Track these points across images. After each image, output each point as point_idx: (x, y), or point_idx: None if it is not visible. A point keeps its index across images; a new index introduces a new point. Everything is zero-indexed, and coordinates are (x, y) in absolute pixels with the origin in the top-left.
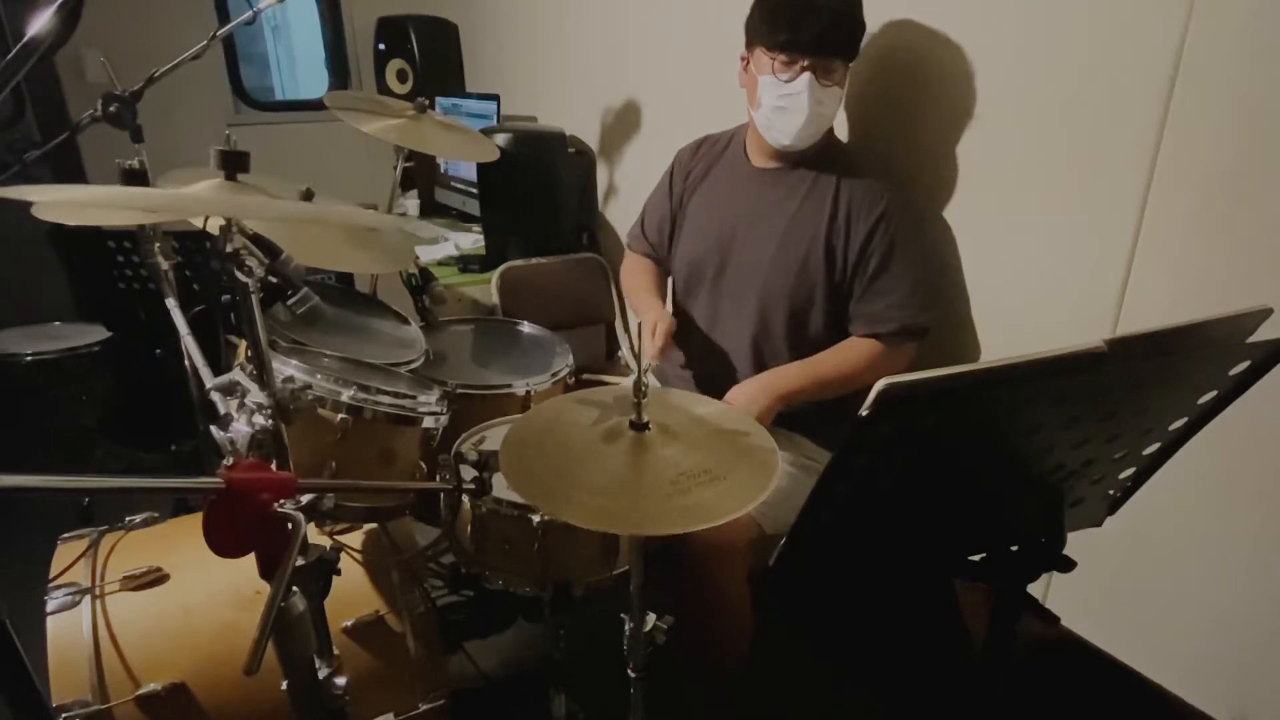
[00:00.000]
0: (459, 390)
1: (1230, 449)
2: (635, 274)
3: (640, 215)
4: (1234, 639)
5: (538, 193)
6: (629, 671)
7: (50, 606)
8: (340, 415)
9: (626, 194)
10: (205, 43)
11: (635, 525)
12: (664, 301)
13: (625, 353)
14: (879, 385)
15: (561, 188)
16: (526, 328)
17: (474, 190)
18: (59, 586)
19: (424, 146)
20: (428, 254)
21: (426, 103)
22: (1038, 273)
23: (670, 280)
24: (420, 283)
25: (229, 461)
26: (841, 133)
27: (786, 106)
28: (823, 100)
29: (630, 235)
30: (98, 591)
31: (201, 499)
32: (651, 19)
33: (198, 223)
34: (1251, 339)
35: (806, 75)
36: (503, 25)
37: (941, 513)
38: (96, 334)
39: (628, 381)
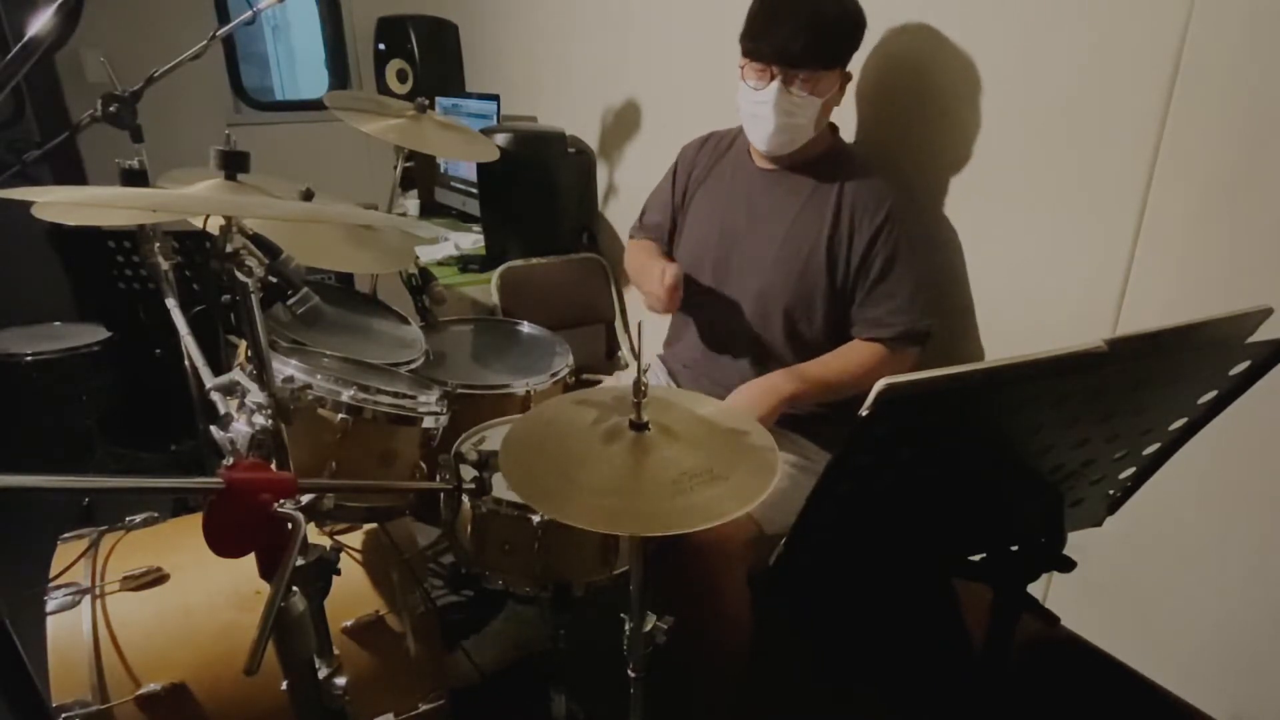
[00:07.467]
0: (459, 390)
1: (1230, 449)
2: (639, 250)
3: (641, 210)
4: (1234, 639)
5: (538, 193)
6: (629, 671)
7: (50, 606)
8: (340, 415)
9: (626, 194)
10: (205, 43)
11: (635, 525)
12: None
13: (625, 352)
14: (879, 385)
15: (561, 188)
16: (526, 328)
17: (474, 190)
18: (59, 586)
19: (424, 146)
20: (428, 254)
21: (426, 103)
22: (1038, 273)
23: None
24: (420, 283)
25: (229, 461)
26: (847, 134)
27: (757, 114)
28: (792, 111)
29: (631, 229)
30: (98, 591)
31: (201, 499)
32: (652, 19)
33: (198, 223)
34: (1251, 339)
35: (775, 84)
36: (503, 25)
37: (942, 513)
38: (96, 334)
39: (627, 378)
